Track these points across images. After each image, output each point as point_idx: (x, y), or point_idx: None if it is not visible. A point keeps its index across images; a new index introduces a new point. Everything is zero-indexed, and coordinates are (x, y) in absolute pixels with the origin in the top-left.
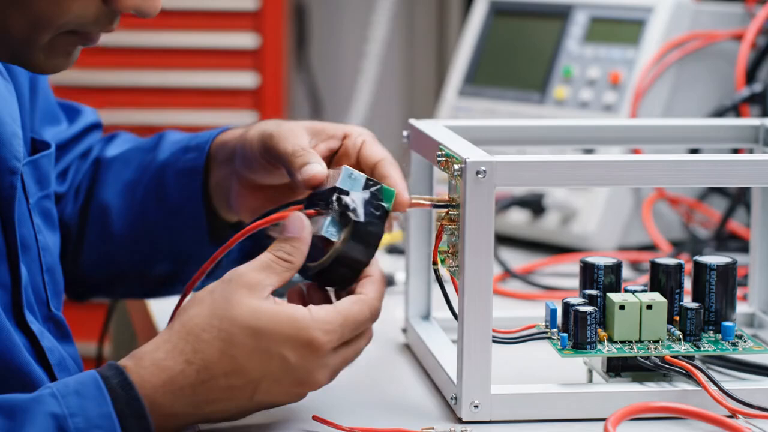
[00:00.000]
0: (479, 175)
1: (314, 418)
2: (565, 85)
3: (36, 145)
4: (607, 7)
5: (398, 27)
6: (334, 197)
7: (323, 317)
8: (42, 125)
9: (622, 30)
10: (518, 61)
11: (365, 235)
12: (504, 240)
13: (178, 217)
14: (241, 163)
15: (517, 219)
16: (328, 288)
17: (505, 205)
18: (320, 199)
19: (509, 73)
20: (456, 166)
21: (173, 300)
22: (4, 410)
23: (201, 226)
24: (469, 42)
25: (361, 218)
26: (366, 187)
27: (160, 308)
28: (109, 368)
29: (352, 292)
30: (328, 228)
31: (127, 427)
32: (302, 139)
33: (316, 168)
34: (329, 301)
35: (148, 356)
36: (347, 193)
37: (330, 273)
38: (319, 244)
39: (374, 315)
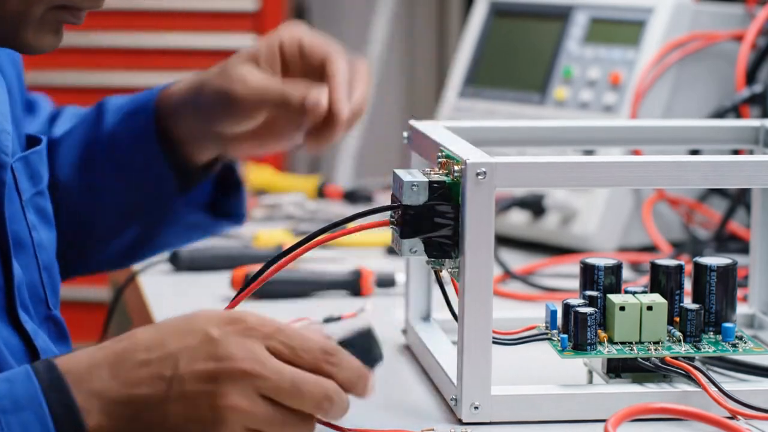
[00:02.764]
0: (479, 176)
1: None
2: (565, 86)
3: (29, 141)
4: (607, 7)
5: (398, 27)
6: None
7: (268, 319)
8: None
9: (622, 31)
10: (518, 62)
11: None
12: (504, 241)
13: (144, 183)
14: (201, 115)
15: (518, 220)
16: None
17: (505, 205)
18: None
19: (509, 74)
20: (456, 168)
21: (173, 300)
22: None
23: (168, 184)
24: (470, 43)
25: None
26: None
27: (161, 308)
28: (40, 361)
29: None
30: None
31: (51, 402)
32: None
33: (313, 96)
34: None
35: (80, 350)
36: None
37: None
38: None
39: (324, 400)
